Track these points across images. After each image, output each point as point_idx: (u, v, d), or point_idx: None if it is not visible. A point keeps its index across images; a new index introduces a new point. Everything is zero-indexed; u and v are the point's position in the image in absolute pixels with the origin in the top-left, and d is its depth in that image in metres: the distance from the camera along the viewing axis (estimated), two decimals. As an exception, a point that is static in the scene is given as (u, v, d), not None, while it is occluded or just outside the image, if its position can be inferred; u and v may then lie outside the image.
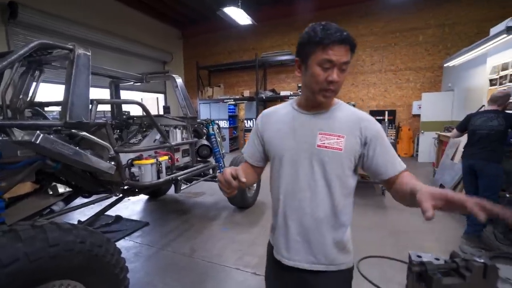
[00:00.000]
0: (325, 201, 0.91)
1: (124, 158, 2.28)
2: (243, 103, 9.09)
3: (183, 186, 2.68)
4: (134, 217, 3.58)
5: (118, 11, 7.43)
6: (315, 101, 0.89)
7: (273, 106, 1.06)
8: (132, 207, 4.00)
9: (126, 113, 3.33)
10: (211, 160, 3.50)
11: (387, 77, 7.65)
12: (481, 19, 6.37)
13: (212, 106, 8.96)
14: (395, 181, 0.89)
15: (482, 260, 0.65)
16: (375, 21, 7.46)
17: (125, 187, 2.35)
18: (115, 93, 3.37)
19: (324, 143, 0.90)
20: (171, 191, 4.60)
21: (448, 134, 4.65)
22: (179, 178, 2.48)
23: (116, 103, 3.18)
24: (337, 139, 0.89)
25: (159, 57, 9.13)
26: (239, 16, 6.57)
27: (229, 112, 8.92)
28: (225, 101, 8.75)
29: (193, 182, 2.98)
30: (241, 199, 3.59)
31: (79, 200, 2.46)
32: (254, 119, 8.37)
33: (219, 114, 8.78)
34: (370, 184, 4.51)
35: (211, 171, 3.36)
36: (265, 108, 8.94)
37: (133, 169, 2.29)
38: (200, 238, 2.97)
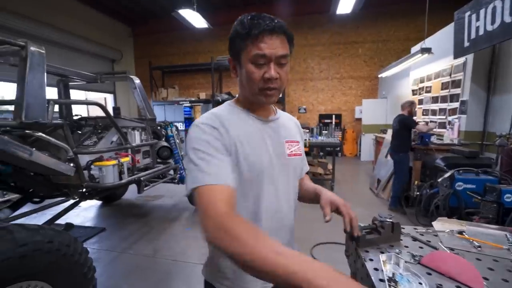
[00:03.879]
0: (293, 208, 0.88)
1: (82, 160, 2.21)
2: (199, 105, 9.05)
3: (146, 187, 2.67)
4: (88, 224, 3.38)
5: (61, 2, 6.79)
6: (258, 103, 0.79)
7: (209, 112, 0.79)
8: (84, 214, 3.75)
9: (78, 115, 3.15)
10: (171, 161, 3.51)
11: (333, 84, 8.48)
12: (405, 38, 7.55)
13: (167, 108, 8.73)
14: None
15: (391, 220, 0.94)
16: (322, 33, 8.21)
17: (84, 190, 2.27)
18: (64, 93, 3.17)
19: (292, 151, 0.85)
20: (127, 195, 4.43)
21: (383, 135, 5.45)
22: (142, 178, 2.48)
23: (75, 103, 2.98)
24: (297, 145, 0.88)
25: (108, 55, 8.56)
26: (195, 19, 6.58)
27: (184, 114, 8.79)
28: (181, 103, 8.61)
29: (155, 183, 2.98)
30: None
31: (27, 207, 2.29)
32: (211, 121, 8.42)
33: (175, 116, 8.59)
34: (320, 182, 5.00)
35: (172, 172, 3.38)
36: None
37: (93, 171, 2.23)
38: (163, 239, 2.98)
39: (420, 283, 0.69)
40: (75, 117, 3.11)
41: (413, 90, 5.74)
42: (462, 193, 2.72)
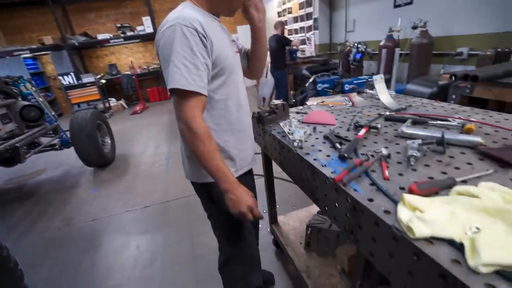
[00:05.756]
0: None
1: None
2: (47, 54, 6.98)
3: (28, 155, 2.19)
4: None
5: None
6: (221, 15, 0.92)
7: (185, 12, 0.79)
8: None
9: None
10: (45, 123, 2.89)
11: (207, 13, 8.12)
12: (265, -42, 7.72)
13: (-5, 63, 6.32)
14: None
15: (282, 102, 1.29)
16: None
17: None
18: None
19: (236, 49, 1.00)
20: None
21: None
22: (18, 144, 2.01)
23: None
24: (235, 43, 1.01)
25: None
26: None
27: (28, 68, 6.68)
28: (16, 53, 6.37)
29: (34, 150, 2.45)
30: (99, 157, 3.35)
31: None
32: (71, 74, 6.79)
33: (12, 72, 6.34)
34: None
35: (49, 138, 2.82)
36: (81, 57, 7.29)
37: None
38: (69, 208, 2.69)
39: (305, 130, 1.08)
40: None
41: (278, 12, 6.32)
42: (322, 91, 3.61)
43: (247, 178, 1.11)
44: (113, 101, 7.46)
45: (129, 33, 7.09)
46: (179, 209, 2.43)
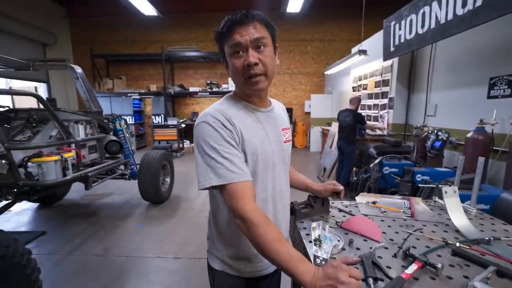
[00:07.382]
0: (289, 189, 0.98)
1: (16, 156, 2.01)
2: (149, 98, 8.61)
3: (94, 183, 2.53)
4: (23, 229, 3.06)
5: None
6: (251, 94, 0.83)
7: (213, 108, 0.80)
8: (16, 219, 3.36)
9: (5, 106, 2.80)
10: (121, 156, 3.36)
11: (285, 79, 8.88)
12: (348, 39, 8.29)
13: (113, 100, 8.09)
14: None
15: (321, 196, 1.14)
16: (274, 29, 8.51)
17: (19, 190, 2.07)
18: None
19: (286, 138, 0.92)
20: (70, 195, 4.09)
21: (328, 127, 5.98)
22: (89, 174, 2.36)
23: (4, 93, 2.61)
24: (289, 131, 0.95)
25: (37, 38, 7.51)
26: (142, 4, 6.20)
27: (134, 107, 8.28)
28: (129, 95, 8.07)
29: (103, 179, 2.83)
30: (156, 194, 3.61)
31: None
32: (162, 115, 8.10)
33: (123, 109, 8.03)
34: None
35: (122, 167, 3.25)
36: (173, 103, 8.62)
37: (30, 168, 2.05)
38: (114, 236, 2.87)
39: (339, 241, 0.89)
40: (0, 109, 2.76)
41: (353, 87, 6.39)
42: (388, 176, 3.22)
43: (270, 282, 0.95)
44: (186, 143, 8.37)
45: (214, 89, 8.22)
46: (205, 271, 2.29)
